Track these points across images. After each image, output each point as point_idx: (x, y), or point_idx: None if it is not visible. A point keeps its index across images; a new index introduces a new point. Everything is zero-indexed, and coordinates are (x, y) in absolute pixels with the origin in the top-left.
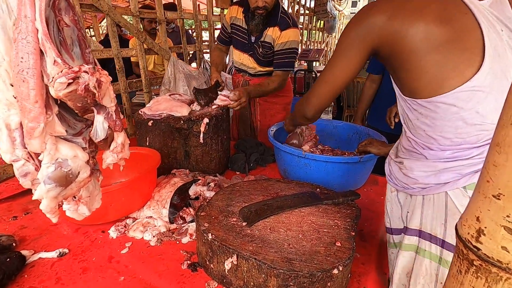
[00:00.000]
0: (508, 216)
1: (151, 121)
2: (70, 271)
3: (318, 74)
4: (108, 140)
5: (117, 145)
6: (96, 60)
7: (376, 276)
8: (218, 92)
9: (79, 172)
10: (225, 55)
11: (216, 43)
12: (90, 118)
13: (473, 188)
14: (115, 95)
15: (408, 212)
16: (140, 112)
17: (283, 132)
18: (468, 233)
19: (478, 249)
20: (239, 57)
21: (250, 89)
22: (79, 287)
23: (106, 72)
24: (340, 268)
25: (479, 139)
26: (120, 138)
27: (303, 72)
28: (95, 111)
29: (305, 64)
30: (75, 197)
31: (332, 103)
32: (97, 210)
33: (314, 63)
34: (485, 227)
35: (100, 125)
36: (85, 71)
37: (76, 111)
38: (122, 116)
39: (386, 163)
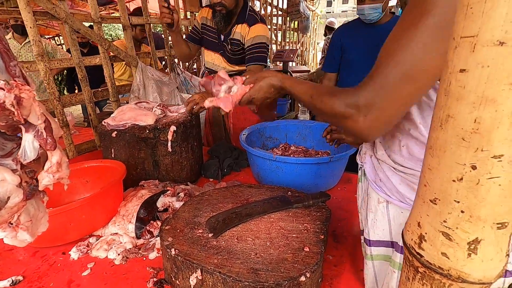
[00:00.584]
0: (444, 221)
1: (115, 132)
2: None
3: (294, 74)
4: (41, 160)
5: (51, 165)
6: (24, 73)
7: (350, 276)
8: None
9: (8, 197)
10: (189, 50)
11: (187, 40)
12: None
13: None
14: (42, 111)
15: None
16: (103, 123)
17: (256, 135)
18: (412, 239)
19: (421, 255)
20: (210, 57)
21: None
22: None
23: (28, 88)
24: (308, 275)
25: None
26: (55, 157)
27: None
28: (23, 129)
29: (280, 64)
30: (11, 223)
31: None
32: (55, 231)
33: (289, 63)
34: (426, 233)
35: (29, 145)
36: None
37: (2, 131)
38: (86, 124)
39: (370, 166)
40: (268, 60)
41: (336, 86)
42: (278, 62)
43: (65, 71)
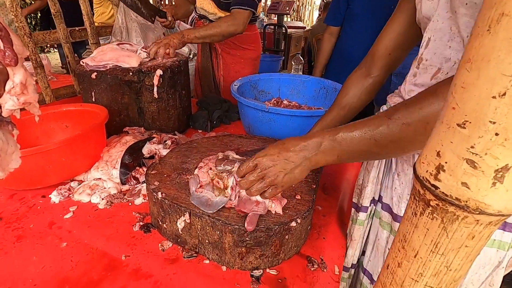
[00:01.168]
0: (472, 147)
1: (95, 73)
2: (1, 241)
3: (289, 30)
4: (0, 79)
5: (14, 85)
6: None
7: (336, 227)
8: (157, 19)
9: None
10: (190, 5)
11: None
12: None
13: None
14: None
15: None
16: (81, 62)
17: (248, 87)
18: (427, 171)
19: (436, 187)
20: (199, 2)
21: (188, 31)
22: (12, 257)
23: None
24: (298, 221)
25: None
26: (17, 75)
27: (272, 26)
28: None
29: (275, 18)
30: None
31: (302, 61)
32: (33, 173)
33: (284, 17)
34: (446, 162)
35: None
36: None
37: None
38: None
39: None
40: (262, 12)
41: (338, 43)
42: (272, 15)
43: (39, 13)
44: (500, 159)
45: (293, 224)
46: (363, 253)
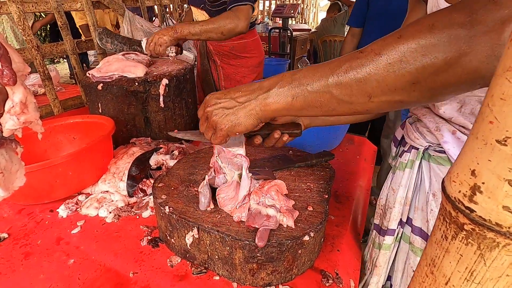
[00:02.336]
0: None
1: (101, 84)
2: (9, 258)
3: (294, 33)
4: None
5: (14, 104)
6: None
7: (350, 237)
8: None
9: None
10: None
11: (187, 5)
12: None
13: None
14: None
15: None
16: (88, 74)
17: None
18: (460, 191)
19: (472, 210)
20: (195, 14)
21: (182, 26)
22: (20, 275)
23: None
24: (312, 234)
25: None
26: (17, 94)
27: (277, 30)
28: None
29: (280, 21)
30: None
31: (308, 63)
32: (40, 188)
33: (289, 20)
34: (483, 183)
35: None
36: None
37: None
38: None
39: (458, 145)
40: (267, 16)
41: (360, 44)
42: (277, 19)
43: (48, 26)
44: None
45: (306, 238)
46: (388, 277)
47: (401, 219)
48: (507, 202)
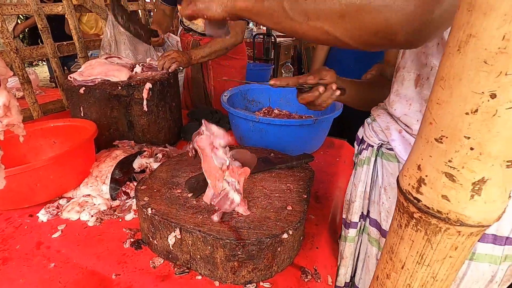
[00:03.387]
0: (450, 161)
1: (83, 88)
2: None
3: (278, 39)
4: None
5: None
6: None
7: (329, 235)
8: (152, 40)
9: None
10: (169, 19)
11: (159, 2)
12: None
13: None
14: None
15: None
16: (69, 77)
17: (238, 97)
18: (409, 184)
19: (419, 200)
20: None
21: (195, 52)
22: None
23: None
24: (290, 232)
25: None
26: (0, 98)
27: (262, 36)
28: None
29: (264, 28)
30: None
31: (292, 69)
32: (20, 192)
33: None
34: (426, 176)
35: None
36: None
37: None
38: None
39: (403, 144)
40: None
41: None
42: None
43: (27, 29)
44: (477, 172)
45: (285, 236)
46: (356, 270)
47: (362, 212)
48: (444, 192)
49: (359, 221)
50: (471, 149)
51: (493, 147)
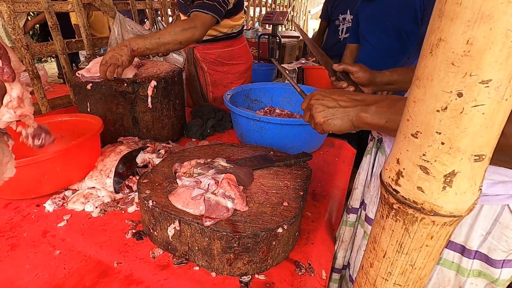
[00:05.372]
0: (424, 155)
1: (90, 84)
2: None
3: (283, 40)
4: None
5: (11, 99)
6: None
7: (324, 232)
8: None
9: None
10: None
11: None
12: None
13: None
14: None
15: None
16: (77, 74)
17: (241, 96)
18: (389, 177)
19: (397, 191)
20: None
21: (136, 41)
22: (6, 265)
23: None
24: (285, 227)
25: None
26: (15, 90)
27: (267, 36)
28: None
29: (270, 28)
30: None
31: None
32: (28, 183)
33: (279, 27)
34: (404, 169)
35: None
36: None
37: None
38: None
39: (392, 139)
40: (257, 22)
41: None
42: (267, 25)
43: (37, 26)
44: (447, 166)
45: (280, 230)
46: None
47: (363, 200)
48: (419, 183)
49: (360, 207)
50: (442, 143)
51: (461, 142)
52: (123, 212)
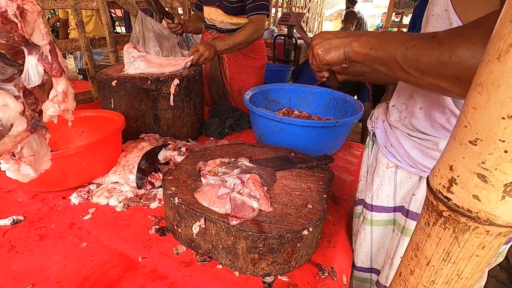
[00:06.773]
0: (483, 163)
1: (115, 81)
2: (25, 239)
3: (299, 41)
4: (45, 87)
5: (57, 93)
6: None
7: (345, 236)
8: (165, 19)
9: (12, 124)
10: (202, 24)
11: (193, 10)
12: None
13: None
14: (48, 30)
15: (414, 194)
16: (103, 71)
17: (259, 97)
18: (440, 184)
19: (449, 199)
20: (207, 13)
21: (216, 42)
22: (36, 254)
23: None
24: (310, 229)
25: None
26: (60, 85)
27: (282, 37)
28: (26, 51)
29: (285, 29)
30: (14, 155)
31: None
32: (55, 176)
33: (294, 28)
34: (458, 176)
35: (32, 68)
36: None
37: (2, 52)
38: (80, 78)
39: (382, 131)
40: (273, 23)
41: None
42: (283, 26)
43: (58, 22)
44: (509, 174)
45: (305, 232)
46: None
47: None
48: (476, 192)
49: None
50: (505, 152)
51: None
52: (145, 207)
